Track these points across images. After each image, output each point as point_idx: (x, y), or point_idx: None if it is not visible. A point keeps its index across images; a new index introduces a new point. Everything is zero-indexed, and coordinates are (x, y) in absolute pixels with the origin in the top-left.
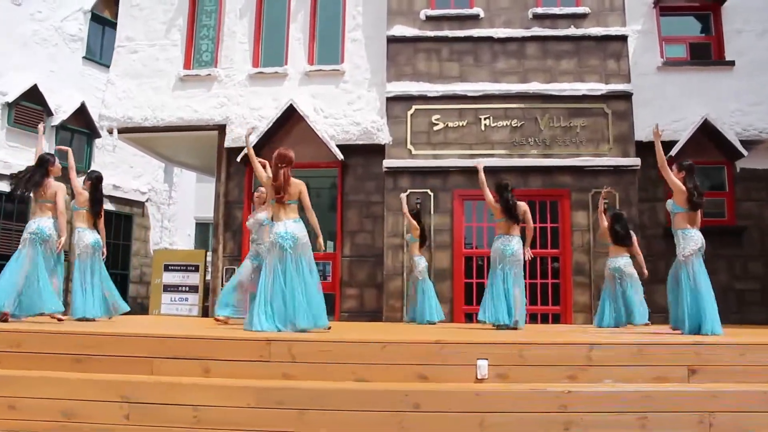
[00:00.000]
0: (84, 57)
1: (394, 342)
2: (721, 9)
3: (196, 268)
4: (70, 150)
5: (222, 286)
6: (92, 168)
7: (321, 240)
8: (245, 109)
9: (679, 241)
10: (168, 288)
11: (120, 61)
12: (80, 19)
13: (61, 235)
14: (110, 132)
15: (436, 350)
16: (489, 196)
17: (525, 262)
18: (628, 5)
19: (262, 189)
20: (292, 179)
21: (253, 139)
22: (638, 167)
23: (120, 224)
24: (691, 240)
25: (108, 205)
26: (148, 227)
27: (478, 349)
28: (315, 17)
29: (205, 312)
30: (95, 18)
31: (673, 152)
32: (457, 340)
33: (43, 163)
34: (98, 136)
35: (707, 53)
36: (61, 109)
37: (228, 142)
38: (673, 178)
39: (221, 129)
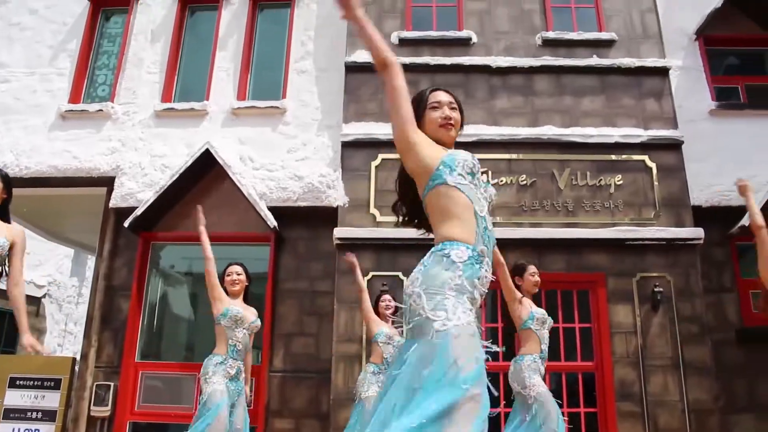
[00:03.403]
0: None
1: None
2: None
3: (57, 384)
4: None
5: (89, 409)
6: None
7: None
8: (144, 156)
9: None
10: (11, 413)
11: None
12: None
13: None
14: None
15: None
16: (509, 283)
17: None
18: (664, 36)
19: (236, 269)
20: None
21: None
22: (701, 241)
23: (2, 326)
24: None
25: None
26: (42, 331)
27: None
28: (251, 43)
29: None
30: None
31: (746, 221)
32: None
33: None
34: None
35: (767, 96)
36: None
37: (115, 200)
38: None
39: (109, 183)
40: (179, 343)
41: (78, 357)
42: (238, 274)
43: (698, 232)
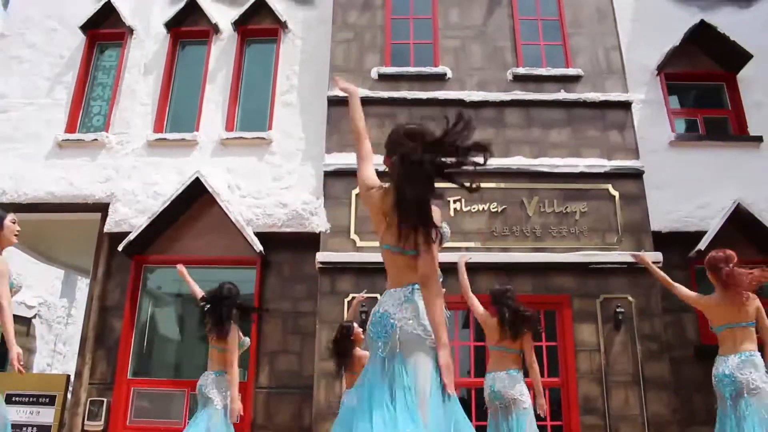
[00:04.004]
0: None
1: None
2: (736, 79)
3: (52, 401)
4: None
5: (83, 424)
6: None
7: None
8: (137, 184)
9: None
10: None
11: None
12: None
13: None
14: None
15: None
16: (477, 306)
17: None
18: (628, 71)
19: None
20: None
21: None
22: (660, 264)
23: None
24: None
25: None
26: (32, 350)
27: None
28: (239, 77)
29: None
30: None
31: (702, 245)
32: None
33: None
34: None
35: (722, 128)
36: None
37: (109, 226)
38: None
39: (104, 209)
40: (168, 361)
41: (72, 375)
42: None
43: (657, 256)
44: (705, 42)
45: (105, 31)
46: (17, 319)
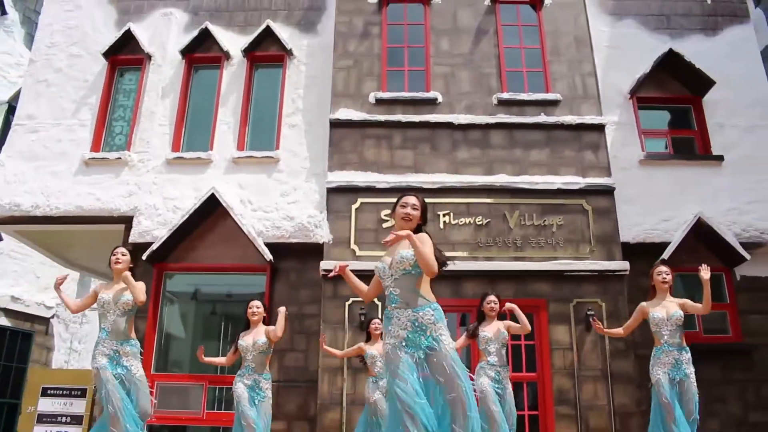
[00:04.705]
0: None
1: None
2: (702, 102)
3: (83, 393)
4: None
5: None
6: None
7: None
8: (158, 199)
9: None
10: (44, 418)
11: (16, 141)
12: None
13: None
14: None
15: None
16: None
17: None
18: (603, 95)
19: (255, 303)
20: None
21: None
22: (626, 272)
23: (15, 343)
24: None
25: (3, 320)
26: (51, 348)
27: None
28: (249, 100)
29: None
30: (12, 110)
31: (666, 255)
32: None
33: None
34: None
35: (689, 148)
36: None
37: (134, 237)
38: None
39: (128, 222)
40: (186, 357)
41: None
42: (258, 308)
43: (625, 265)
44: (673, 68)
45: (125, 57)
46: (37, 319)
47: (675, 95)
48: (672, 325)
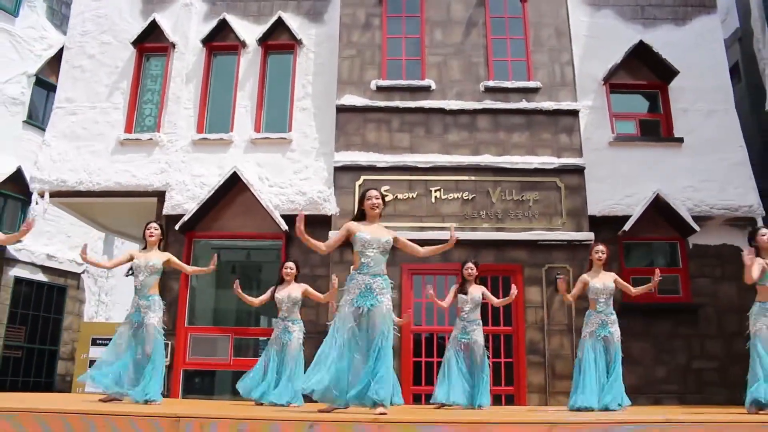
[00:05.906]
0: (24, 121)
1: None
2: (668, 88)
3: None
4: None
5: None
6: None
7: None
8: (187, 176)
9: None
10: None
11: (58, 123)
12: (23, 82)
13: None
14: (41, 195)
15: None
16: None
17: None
18: (579, 81)
19: (290, 264)
20: None
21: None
22: (592, 242)
23: (51, 296)
24: None
25: (40, 276)
26: (82, 301)
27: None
28: (263, 85)
29: None
30: (40, 82)
31: (627, 227)
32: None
33: None
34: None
35: (656, 130)
36: None
37: (167, 209)
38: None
39: (160, 196)
40: (212, 312)
41: None
42: (291, 269)
43: (590, 236)
44: (643, 57)
45: (151, 45)
46: (70, 274)
47: (645, 81)
48: (606, 293)
